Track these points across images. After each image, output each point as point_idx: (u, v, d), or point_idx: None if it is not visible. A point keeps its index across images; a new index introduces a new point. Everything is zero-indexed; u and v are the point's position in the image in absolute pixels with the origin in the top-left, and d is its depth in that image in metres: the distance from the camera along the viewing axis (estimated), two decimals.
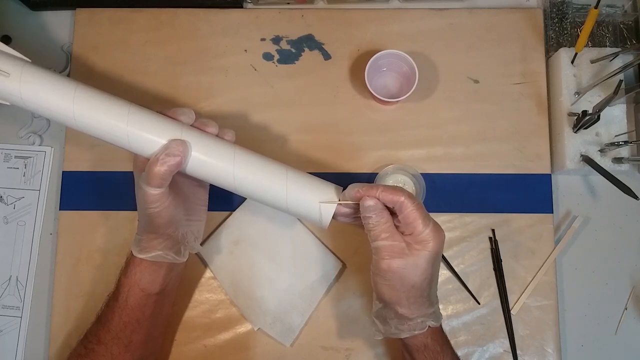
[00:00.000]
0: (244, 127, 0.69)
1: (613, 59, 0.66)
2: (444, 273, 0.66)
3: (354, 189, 0.51)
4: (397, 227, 0.51)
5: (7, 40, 0.72)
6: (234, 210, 0.67)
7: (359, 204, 0.51)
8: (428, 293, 0.52)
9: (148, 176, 0.50)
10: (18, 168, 0.71)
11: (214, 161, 0.53)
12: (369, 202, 0.50)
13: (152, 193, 0.51)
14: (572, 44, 0.68)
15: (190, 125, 0.55)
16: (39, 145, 0.71)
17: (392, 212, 0.51)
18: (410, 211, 0.49)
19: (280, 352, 0.65)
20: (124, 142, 0.52)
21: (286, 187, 0.54)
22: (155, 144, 0.52)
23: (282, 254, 0.66)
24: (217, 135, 0.55)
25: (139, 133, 0.52)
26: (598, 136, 0.66)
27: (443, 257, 0.66)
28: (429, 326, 0.52)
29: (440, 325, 0.55)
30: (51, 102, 0.52)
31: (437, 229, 0.51)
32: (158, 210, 0.52)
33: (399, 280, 0.50)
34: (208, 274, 0.67)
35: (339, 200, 0.53)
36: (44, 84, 0.52)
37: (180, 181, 0.58)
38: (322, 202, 0.53)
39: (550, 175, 0.68)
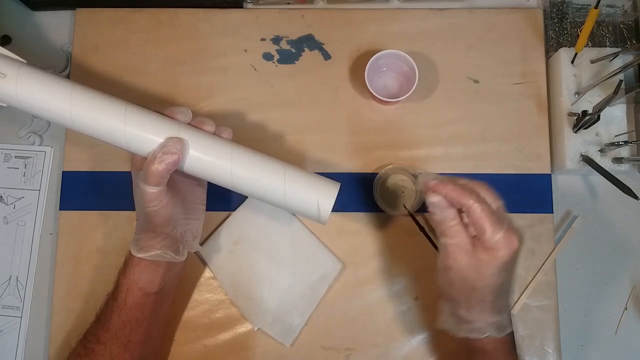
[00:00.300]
0: (243, 127, 0.69)
1: (613, 59, 0.66)
2: None
3: (424, 178, 0.48)
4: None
5: (7, 40, 0.72)
6: (233, 210, 0.67)
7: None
8: (491, 300, 0.49)
9: (146, 174, 0.51)
10: (18, 168, 0.71)
11: (211, 159, 0.53)
12: (433, 199, 0.47)
13: (150, 191, 0.51)
14: (572, 44, 0.68)
15: (187, 124, 0.55)
16: (39, 145, 0.71)
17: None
18: (478, 216, 0.46)
19: (280, 352, 0.65)
20: (122, 142, 0.53)
21: (284, 184, 0.54)
22: (152, 142, 0.52)
23: (282, 254, 0.66)
24: (214, 133, 0.55)
25: (136, 132, 0.52)
26: (598, 136, 0.66)
27: None
28: (488, 335, 0.49)
29: (510, 337, 0.51)
30: (48, 103, 0.52)
31: (510, 236, 0.46)
32: (156, 209, 0.53)
33: (460, 281, 0.48)
34: (208, 273, 0.67)
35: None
36: (40, 85, 0.52)
37: (178, 180, 0.58)
38: (320, 198, 0.53)
39: (550, 175, 0.68)
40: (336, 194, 0.55)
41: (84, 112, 0.52)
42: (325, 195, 0.54)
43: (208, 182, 0.61)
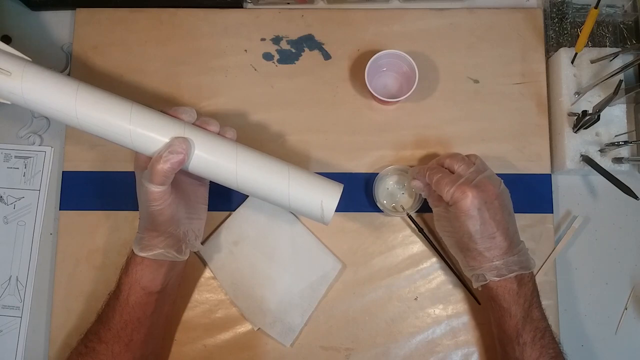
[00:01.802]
0: (244, 126, 0.69)
1: (613, 59, 0.66)
2: (444, 273, 0.66)
3: (412, 172, 0.63)
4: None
5: (7, 40, 0.72)
6: (233, 210, 0.67)
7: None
8: (477, 246, 0.55)
9: (151, 174, 0.51)
10: (18, 168, 0.71)
11: (216, 159, 0.53)
12: (414, 184, 0.62)
13: (154, 191, 0.51)
14: (572, 44, 0.68)
15: (192, 124, 0.55)
16: (39, 145, 0.71)
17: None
18: (434, 185, 0.57)
19: (280, 352, 0.65)
20: (127, 141, 0.53)
21: (288, 184, 0.54)
22: (157, 142, 0.52)
23: (282, 254, 0.66)
24: (218, 134, 0.55)
25: (142, 132, 0.52)
26: (598, 136, 0.66)
27: (443, 257, 0.66)
28: (487, 280, 0.56)
29: (515, 280, 0.56)
30: (53, 101, 0.52)
31: (461, 189, 0.55)
32: (160, 208, 0.53)
33: (449, 236, 0.59)
34: (208, 273, 0.67)
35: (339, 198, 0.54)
36: (46, 83, 0.52)
37: (181, 179, 0.58)
38: (324, 199, 0.53)
39: (550, 175, 0.68)
40: (340, 195, 0.55)
41: (90, 111, 0.52)
42: (329, 196, 0.54)
43: (210, 181, 0.61)
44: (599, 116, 0.61)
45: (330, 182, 0.56)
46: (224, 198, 0.67)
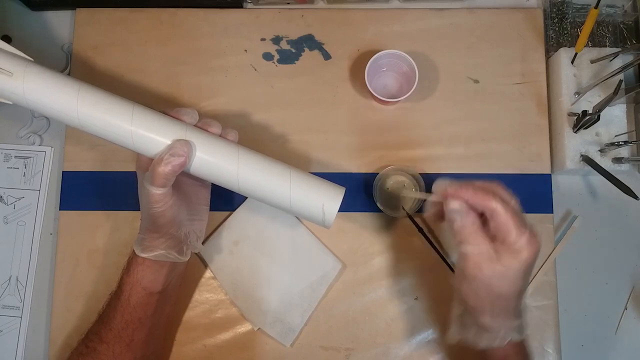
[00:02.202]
0: (244, 127, 0.69)
1: (613, 59, 0.66)
2: (444, 273, 0.66)
3: (442, 185, 0.47)
4: (486, 227, 0.47)
5: (7, 40, 0.72)
6: (234, 210, 0.67)
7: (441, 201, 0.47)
8: (515, 305, 0.48)
9: (152, 176, 0.51)
10: (18, 168, 0.71)
11: (218, 161, 0.53)
12: (454, 205, 0.46)
13: (155, 193, 0.51)
14: (572, 44, 0.68)
15: (194, 126, 0.55)
16: (39, 145, 0.71)
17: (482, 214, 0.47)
18: (504, 219, 0.44)
19: (280, 352, 0.65)
20: (128, 142, 0.52)
21: (290, 188, 0.54)
22: (159, 144, 0.52)
23: (282, 254, 0.66)
24: (220, 136, 0.55)
25: (143, 133, 0.52)
26: (598, 136, 0.66)
27: (443, 257, 0.66)
28: (510, 339, 0.49)
29: (524, 339, 0.51)
30: (55, 101, 0.51)
31: (533, 238, 0.45)
32: (161, 210, 0.53)
33: (486, 289, 0.47)
34: (208, 274, 0.67)
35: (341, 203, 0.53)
36: (47, 83, 0.51)
37: (183, 181, 0.58)
38: (325, 202, 0.53)
39: (550, 175, 0.68)
40: (341, 199, 0.55)
41: (91, 111, 0.52)
42: (330, 200, 0.54)
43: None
44: (599, 116, 0.61)
45: (332, 186, 0.55)
46: (225, 198, 0.67)
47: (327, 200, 0.54)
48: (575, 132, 0.66)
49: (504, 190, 0.47)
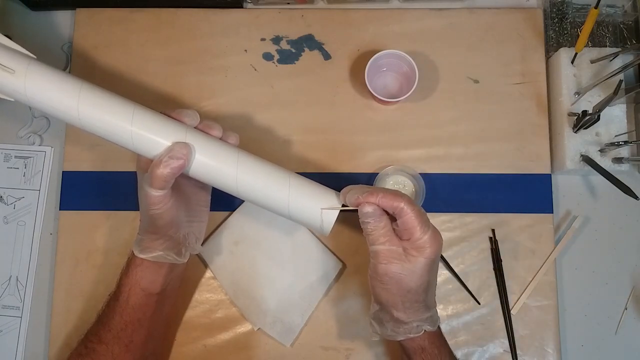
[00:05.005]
0: (244, 127, 0.69)
1: (613, 59, 0.66)
2: (443, 273, 0.66)
3: (353, 196, 0.50)
4: (395, 229, 0.51)
5: None
6: (234, 211, 0.67)
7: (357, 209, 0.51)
8: (424, 298, 0.52)
9: (151, 178, 0.50)
10: (18, 168, 0.71)
11: (217, 165, 0.53)
12: (368, 209, 0.50)
13: (154, 195, 0.51)
14: (572, 44, 0.68)
15: (195, 128, 0.54)
16: (39, 145, 0.71)
17: (391, 216, 0.51)
18: (409, 217, 0.48)
19: (280, 352, 0.65)
20: (128, 143, 0.52)
21: (288, 194, 0.53)
22: (159, 145, 0.52)
23: (282, 254, 0.66)
24: (220, 139, 0.55)
25: (143, 134, 0.52)
26: (598, 136, 0.66)
27: (442, 257, 0.66)
28: (425, 330, 0.52)
29: (439, 328, 0.55)
30: (56, 99, 0.51)
31: (435, 235, 0.50)
32: (160, 212, 0.52)
33: (396, 285, 0.50)
34: (208, 274, 0.67)
35: (341, 207, 0.53)
36: (49, 82, 0.51)
37: (183, 182, 0.58)
38: (324, 208, 0.53)
39: (550, 175, 0.68)
40: (340, 207, 0.54)
41: (92, 110, 0.52)
42: (329, 207, 0.54)
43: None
44: (599, 116, 0.61)
45: (331, 193, 0.55)
46: (225, 198, 0.66)
47: (325, 207, 0.54)
48: (575, 132, 0.66)
49: (407, 197, 0.50)
